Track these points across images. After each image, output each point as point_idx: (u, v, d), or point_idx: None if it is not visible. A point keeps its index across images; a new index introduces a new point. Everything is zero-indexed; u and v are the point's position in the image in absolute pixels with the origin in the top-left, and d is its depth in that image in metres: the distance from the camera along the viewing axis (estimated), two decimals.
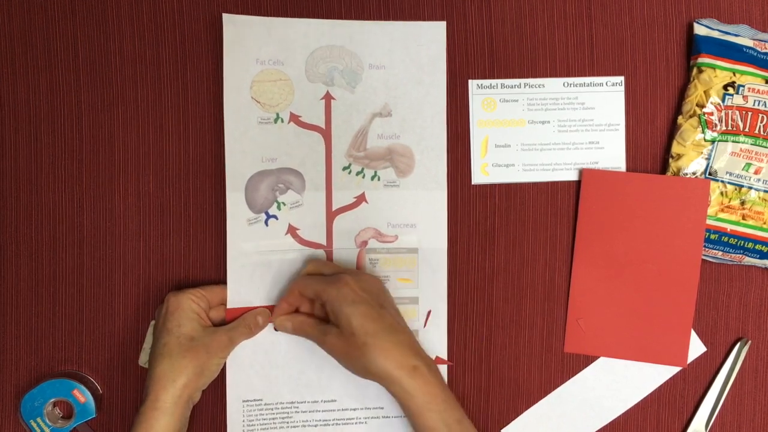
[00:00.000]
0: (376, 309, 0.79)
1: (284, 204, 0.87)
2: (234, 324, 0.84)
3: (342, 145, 0.88)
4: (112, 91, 0.88)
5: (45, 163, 0.88)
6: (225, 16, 0.86)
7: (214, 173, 0.88)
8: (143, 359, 0.88)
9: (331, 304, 0.79)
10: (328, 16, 0.88)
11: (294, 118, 0.87)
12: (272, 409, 0.87)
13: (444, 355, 0.89)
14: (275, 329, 0.86)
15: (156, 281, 0.89)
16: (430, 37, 0.88)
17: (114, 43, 0.88)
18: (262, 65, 0.87)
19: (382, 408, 0.88)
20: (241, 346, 0.86)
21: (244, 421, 0.87)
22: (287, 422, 0.87)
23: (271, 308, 0.87)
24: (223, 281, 0.87)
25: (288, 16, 0.88)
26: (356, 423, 0.88)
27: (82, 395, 0.86)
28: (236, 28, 0.86)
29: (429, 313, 0.88)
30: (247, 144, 0.86)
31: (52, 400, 0.86)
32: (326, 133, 0.88)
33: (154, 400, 0.78)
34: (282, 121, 0.87)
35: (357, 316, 0.78)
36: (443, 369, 0.88)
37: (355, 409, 0.88)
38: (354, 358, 0.78)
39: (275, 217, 0.87)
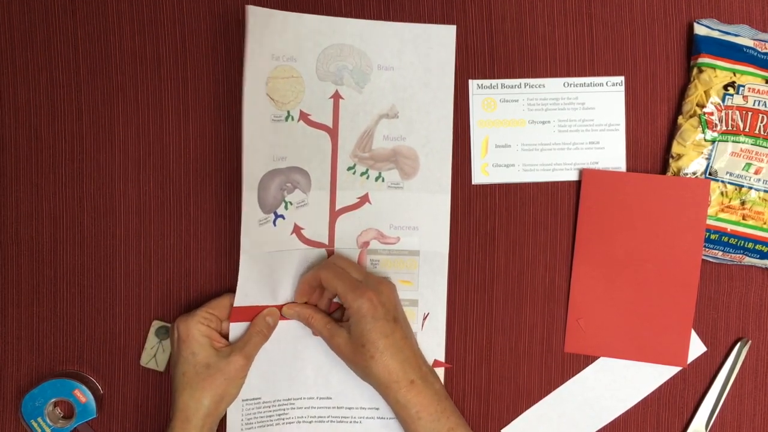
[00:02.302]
0: (390, 324, 0.82)
1: (291, 203, 0.87)
2: (246, 337, 0.84)
3: (348, 145, 0.88)
4: (113, 89, 0.88)
5: (45, 163, 0.88)
6: (249, 8, 0.82)
7: (215, 173, 0.88)
8: (144, 359, 0.88)
9: (350, 313, 0.82)
10: (328, 13, 0.88)
11: (304, 117, 0.87)
12: (269, 407, 0.87)
13: (441, 358, 0.89)
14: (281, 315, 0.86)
15: (156, 281, 0.89)
16: (440, 40, 0.88)
17: (114, 42, 0.88)
18: (276, 61, 0.85)
19: (377, 408, 0.88)
20: None
21: (242, 420, 0.87)
22: (283, 419, 0.88)
23: (279, 308, 0.87)
24: (226, 290, 0.87)
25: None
26: (351, 422, 0.89)
27: (83, 395, 0.87)
28: (257, 21, 0.83)
29: (426, 315, 0.89)
30: (261, 142, 0.85)
31: (53, 400, 0.87)
32: (333, 133, 0.88)
33: (177, 430, 0.80)
34: (292, 119, 0.87)
35: (373, 332, 0.81)
36: (440, 371, 0.88)
37: (350, 408, 0.88)
38: (357, 365, 0.82)
39: (282, 216, 0.87)
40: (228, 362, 0.82)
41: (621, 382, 0.88)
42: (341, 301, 0.83)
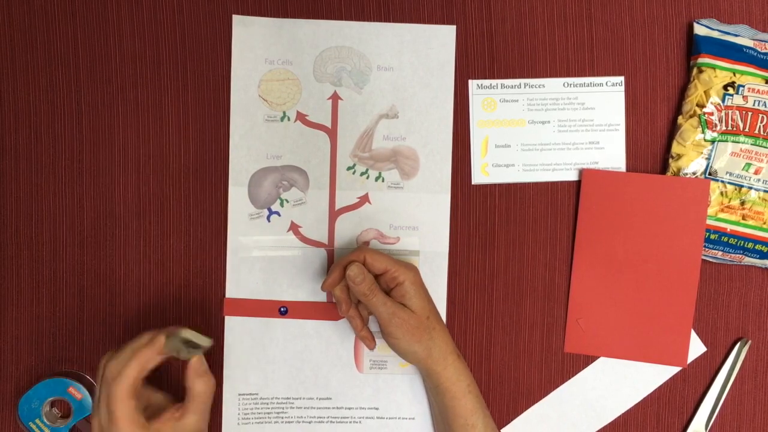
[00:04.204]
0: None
1: (287, 201, 0.88)
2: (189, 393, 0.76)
3: (348, 145, 0.88)
4: (112, 90, 0.88)
5: (45, 163, 0.88)
6: (235, 18, 0.87)
7: (215, 173, 0.88)
8: None
9: (406, 287, 0.81)
10: (328, 16, 0.88)
11: (300, 117, 0.88)
12: (267, 404, 0.88)
13: None
14: (341, 276, 0.82)
15: (156, 281, 0.89)
16: (439, 41, 0.88)
17: (114, 43, 0.88)
18: (271, 65, 0.87)
19: (377, 408, 0.88)
20: (239, 341, 0.87)
21: (239, 414, 0.87)
22: (282, 417, 0.88)
23: (279, 304, 0.87)
24: (224, 290, 0.87)
25: (289, 17, 0.88)
26: (350, 422, 0.89)
27: (78, 392, 0.86)
28: (246, 29, 0.87)
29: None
30: (253, 140, 0.87)
31: (49, 399, 0.86)
32: (332, 133, 0.88)
33: None
34: (288, 119, 0.88)
35: (430, 302, 0.83)
36: None
37: (350, 408, 0.89)
38: (421, 339, 0.82)
39: (278, 213, 0.88)
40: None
41: (621, 382, 0.88)
42: (391, 276, 0.81)
